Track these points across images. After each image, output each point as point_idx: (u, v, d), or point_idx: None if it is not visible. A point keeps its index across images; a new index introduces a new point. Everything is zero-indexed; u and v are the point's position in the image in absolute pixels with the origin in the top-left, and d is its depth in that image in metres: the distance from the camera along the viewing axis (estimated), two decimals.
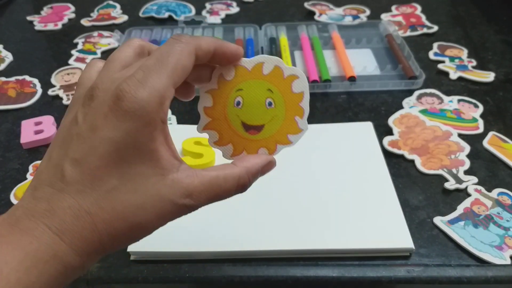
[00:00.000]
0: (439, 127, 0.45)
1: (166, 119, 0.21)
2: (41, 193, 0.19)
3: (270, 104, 0.24)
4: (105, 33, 0.63)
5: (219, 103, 0.24)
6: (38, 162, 0.42)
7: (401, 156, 0.42)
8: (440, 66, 0.54)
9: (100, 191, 0.19)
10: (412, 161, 0.41)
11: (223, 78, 0.24)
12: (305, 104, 0.24)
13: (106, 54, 0.59)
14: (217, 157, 0.41)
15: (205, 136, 0.25)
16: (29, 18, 0.67)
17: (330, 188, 0.38)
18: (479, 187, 0.38)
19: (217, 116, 0.24)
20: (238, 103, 0.24)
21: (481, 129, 0.45)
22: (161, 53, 0.20)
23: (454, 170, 0.40)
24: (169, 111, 0.48)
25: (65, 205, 0.19)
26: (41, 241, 0.18)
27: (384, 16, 0.66)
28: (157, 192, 0.20)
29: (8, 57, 0.59)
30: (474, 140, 0.44)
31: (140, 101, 0.19)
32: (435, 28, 0.62)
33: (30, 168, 0.42)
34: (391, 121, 0.45)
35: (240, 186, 0.23)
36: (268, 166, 0.24)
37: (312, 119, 0.47)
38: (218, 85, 0.24)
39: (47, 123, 0.46)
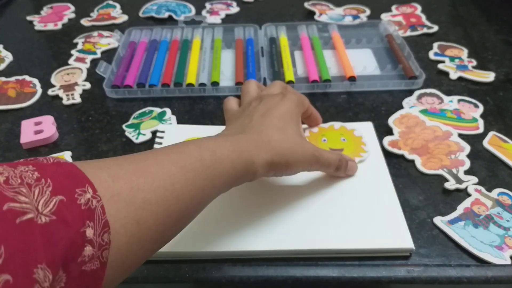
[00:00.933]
0: (439, 127, 0.45)
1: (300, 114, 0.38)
2: (235, 126, 0.35)
3: (343, 139, 0.43)
4: (105, 33, 0.63)
5: (313, 141, 0.42)
6: None
7: (401, 156, 0.42)
8: (440, 66, 0.54)
9: (270, 135, 0.33)
10: (412, 161, 0.41)
11: (312, 132, 0.44)
12: (365, 141, 0.42)
13: (106, 54, 0.59)
14: None
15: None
16: (29, 18, 0.67)
17: (330, 188, 0.38)
18: (479, 187, 0.38)
19: None
20: (324, 140, 0.43)
21: (481, 129, 0.45)
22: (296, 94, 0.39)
23: (454, 170, 0.40)
24: (169, 111, 0.48)
25: (253, 134, 0.33)
26: (242, 144, 0.31)
27: (384, 16, 0.66)
28: (305, 145, 0.34)
29: (8, 57, 0.59)
30: (474, 140, 0.44)
31: (296, 97, 0.38)
32: (435, 28, 0.62)
33: None
34: (391, 121, 0.45)
35: (337, 165, 0.37)
36: (352, 163, 0.39)
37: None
38: (310, 134, 0.43)
39: (47, 123, 0.46)
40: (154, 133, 0.45)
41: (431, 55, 0.57)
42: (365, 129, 0.44)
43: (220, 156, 0.29)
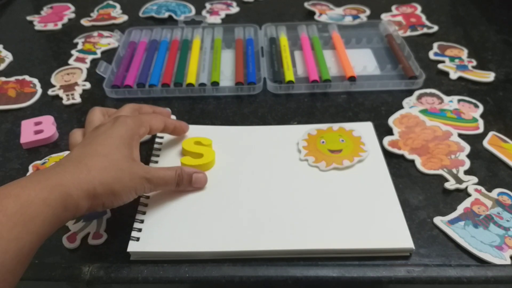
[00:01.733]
0: (439, 127, 0.45)
1: (139, 140, 0.36)
2: (63, 162, 0.31)
3: (342, 140, 0.42)
4: (105, 33, 0.63)
5: (311, 144, 0.42)
6: (38, 162, 0.42)
7: (401, 156, 0.42)
8: (440, 66, 0.54)
9: (95, 161, 0.31)
10: (412, 161, 0.41)
11: (310, 134, 0.43)
12: (364, 140, 0.42)
13: (106, 54, 0.59)
14: (217, 158, 0.41)
15: (207, 136, 0.42)
16: (29, 18, 0.67)
17: (330, 188, 0.38)
18: (479, 187, 0.38)
19: (311, 149, 0.41)
20: (323, 142, 0.42)
21: (481, 129, 0.45)
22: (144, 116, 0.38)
23: (454, 170, 0.40)
24: (169, 110, 0.48)
25: (79, 165, 0.31)
26: (53, 179, 0.28)
27: (384, 16, 0.66)
28: (132, 168, 0.33)
29: (8, 57, 0.59)
30: (474, 140, 0.44)
31: (129, 121, 0.36)
32: (435, 28, 0.62)
33: (30, 168, 0.42)
34: (391, 121, 0.45)
35: (177, 175, 0.36)
36: (199, 175, 0.37)
37: (312, 119, 0.47)
38: (308, 137, 0.43)
39: (47, 123, 0.46)
40: None
41: (431, 55, 0.57)
42: (365, 129, 0.44)
43: (27, 199, 0.26)
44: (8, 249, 0.24)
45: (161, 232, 0.34)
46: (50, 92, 0.52)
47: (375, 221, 0.35)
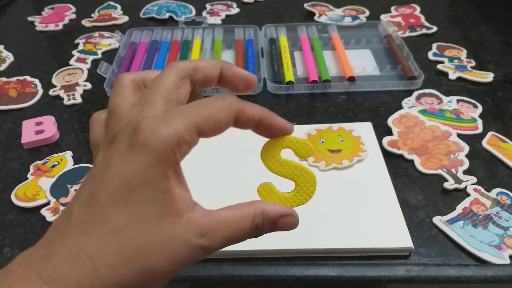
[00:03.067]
0: (438, 127, 0.45)
1: (180, 162, 0.19)
2: (44, 239, 0.18)
3: (342, 140, 0.42)
4: (106, 34, 0.63)
5: (311, 144, 0.33)
6: (39, 162, 0.43)
7: (401, 156, 0.42)
8: (439, 66, 0.55)
9: (106, 231, 0.17)
10: (412, 161, 0.41)
11: (310, 134, 0.43)
12: (363, 140, 0.42)
13: (107, 54, 0.59)
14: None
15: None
16: (30, 18, 0.67)
17: (330, 188, 0.38)
18: (478, 187, 0.39)
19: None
20: (323, 142, 0.42)
21: (480, 129, 0.45)
22: (201, 102, 0.19)
23: (453, 170, 0.40)
24: None
25: (64, 249, 0.17)
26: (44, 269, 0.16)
27: (384, 17, 0.66)
28: (171, 232, 0.18)
29: (9, 57, 0.59)
30: (473, 140, 0.44)
31: (158, 136, 0.17)
32: (434, 28, 0.62)
33: (31, 168, 0.42)
34: (390, 121, 0.46)
35: (255, 226, 0.21)
36: (288, 218, 0.22)
37: (311, 120, 0.47)
38: (308, 137, 0.43)
39: (48, 123, 0.46)
40: None
41: (430, 55, 0.57)
42: (364, 129, 0.44)
43: None
44: None
45: None
46: (51, 92, 0.52)
47: (374, 220, 0.35)
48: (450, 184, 0.39)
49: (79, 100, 0.51)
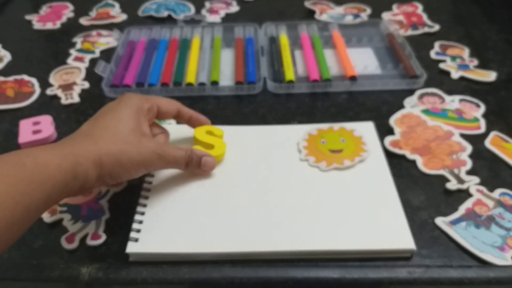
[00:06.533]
0: (440, 127, 0.44)
1: (146, 112, 0.37)
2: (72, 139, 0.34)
3: (343, 140, 0.42)
4: (104, 32, 0.62)
5: (312, 144, 0.42)
6: None
7: (403, 156, 0.42)
8: (441, 65, 0.54)
9: (108, 134, 0.33)
10: (414, 161, 0.41)
11: (311, 134, 0.43)
12: (365, 140, 0.42)
13: (105, 53, 0.59)
14: (228, 150, 0.40)
15: (218, 126, 0.43)
16: (27, 17, 0.67)
17: (331, 189, 0.38)
18: (481, 188, 0.38)
19: (312, 149, 0.41)
20: (324, 142, 0.42)
21: (482, 129, 0.45)
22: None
23: (455, 170, 0.40)
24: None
25: (80, 136, 0.34)
26: (66, 148, 0.31)
27: (385, 15, 0.65)
28: (139, 137, 0.34)
29: (7, 56, 0.58)
30: (476, 140, 0.43)
31: (134, 97, 0.37)
32: (437, 27, 0.62)
33: None
34: (392, 121, 0.45)
35: (187, 156, 0.36)
36: (209, 158, 0.38)
37: (312, 119, 0.47)
38: (308, 137, 0.43)
39: (46, 123, 0.46)
40: None
41: (432, 54, 0.56)
42: (366, 129, 0.44)
43: (43, 161, 0.28)
44: (20, 201, 0.26)
45: (160, 233, 0.34)
46: (48, 91, 0.51)
47: (376, 221, 0.35)
48: (452, 185, 0.38)
49: (76, 99, 0.50)
